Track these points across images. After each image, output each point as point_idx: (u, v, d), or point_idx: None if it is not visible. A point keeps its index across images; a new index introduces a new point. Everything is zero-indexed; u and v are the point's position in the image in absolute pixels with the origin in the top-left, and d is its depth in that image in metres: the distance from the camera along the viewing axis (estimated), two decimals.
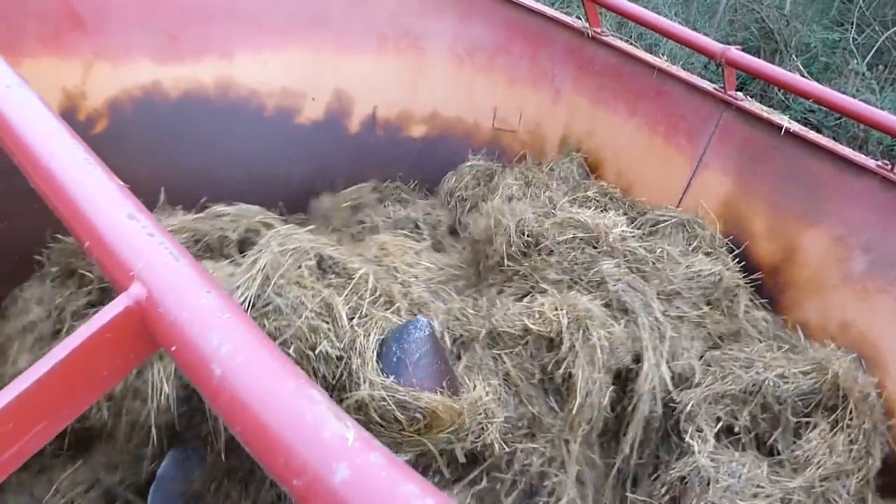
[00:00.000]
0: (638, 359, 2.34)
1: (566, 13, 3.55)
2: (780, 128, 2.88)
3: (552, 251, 2.56)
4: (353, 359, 1.88)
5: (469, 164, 3.50)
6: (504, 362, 2.18)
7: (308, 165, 3.26)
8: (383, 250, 2.65)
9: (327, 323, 1.95)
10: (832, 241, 2.80)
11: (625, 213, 3.01)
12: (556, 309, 2.22)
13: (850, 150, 2.82)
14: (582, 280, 2.49)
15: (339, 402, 1.87)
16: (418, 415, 1.76)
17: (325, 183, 3.33)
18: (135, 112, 2.81)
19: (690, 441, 2.26)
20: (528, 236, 2.61)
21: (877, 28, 10.74)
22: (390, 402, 1.76)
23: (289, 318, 1.92)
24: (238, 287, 1.95)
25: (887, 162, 2.70)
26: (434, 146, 3.50)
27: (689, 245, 2.92)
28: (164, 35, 2.80)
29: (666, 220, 3.00)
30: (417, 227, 3.16)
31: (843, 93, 3.01)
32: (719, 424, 2.32)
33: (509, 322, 2.24)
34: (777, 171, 2.93)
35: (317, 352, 1.89)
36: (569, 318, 2.17)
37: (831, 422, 2.30)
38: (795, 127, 2.88)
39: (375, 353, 1.88)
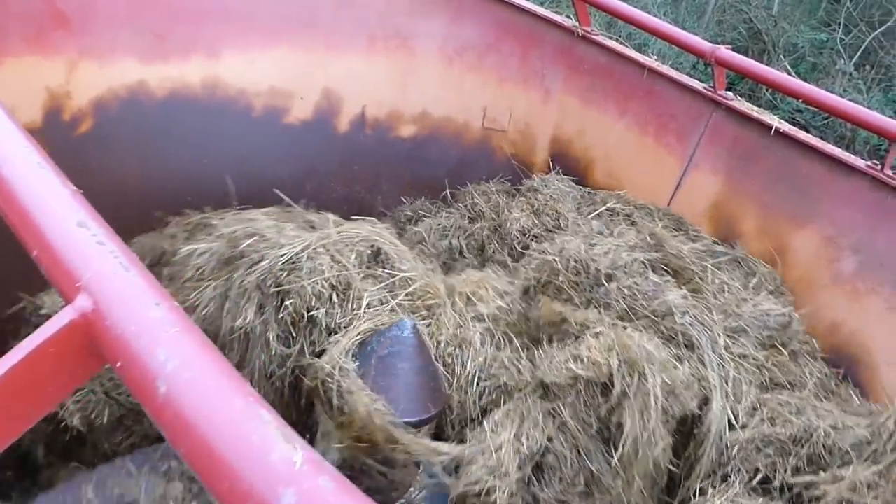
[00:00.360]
0: (705, 401, 2.11)
1: (556, 12, 3.54)
2: (770, 128, 2.88)
3: (610, 278, 2.34)
4: (340, 337, 1.87)
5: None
6: (559, 414, 1.97)
7: (297, 165, 3.24)
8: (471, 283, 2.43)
9: (339, 297, 1.95)
10: (822, 242, 2.80)
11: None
12: (608, 349, 1.96)
13: (840, 149, 2.82)
14: (643, 310, 2.27)
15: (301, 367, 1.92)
16: (344, 408, 1.73)
17: (315, 183, 3.31)
18: (121, 112, 2.78)
19: (711, 487, 2.03)
20: (579, 268, 2.37)
21: (864, 28, 10.80)
22: (334, 384, 1.75)
23: (301, 278, 1.94)
24: (283, 247, 2.00)
25: (877, 162, 2.70)
26: (424, 146, 3.48)
27: (748, 281, 2.76)
28: (151, 34, 2.77)
29: (718, 256, 2.83)
30: (463, 254, 3.09)
31: (831, 93, 3.01)
32: (758, 476, 2.06)
33: (555, 371, 2.01)
34: (767, 171, 2.93)
35: (308, 315, 1.90)
36: (620, 359, 1.92)
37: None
38: (785, 127, 2.88)
39: (359, 340, 1.87)
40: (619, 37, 3.45)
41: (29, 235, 0.93)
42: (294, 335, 1.95)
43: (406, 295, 2.07)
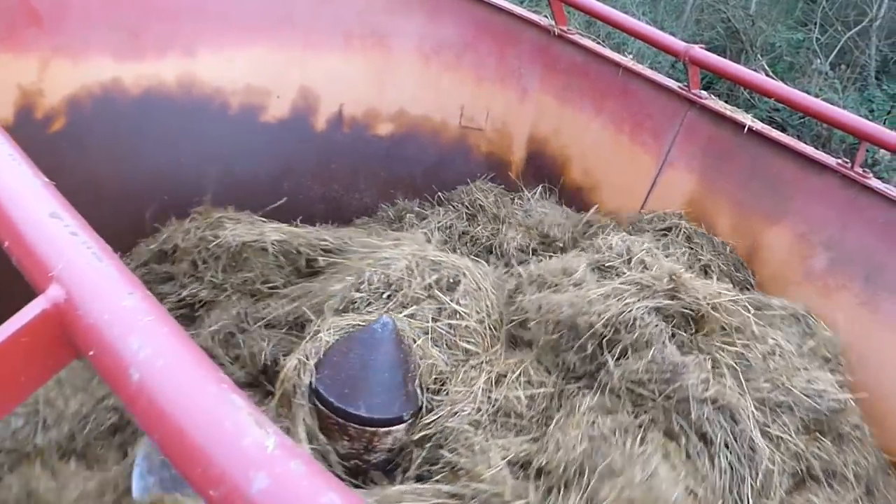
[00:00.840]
0: None
1: (536, 11, 3.56)
2: (743, 126, 2.91)
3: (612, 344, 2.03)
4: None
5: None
6: None
7: (274, 164, 3.23)
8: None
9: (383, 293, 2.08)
10: (795, 239, 2.84)
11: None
12: None
13: (812, 148, 2.86)
14: (651, 394, 1.95)
15: None
16: None
17: (292, 182, 3.30)
18: (95, 110, 2.75)
19: None
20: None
21: (839, 28, 10.93)
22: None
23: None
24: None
25: (847, 160, 2.74)
26: (401, 144, 3.48)
27: (803, 342, 2.39)
28: (126, 32, 2.75)
29: (774, 310, 2.49)
30: None
31: (807, 92, 3.05)
32: None
33: None
34: (741, 169, 2.96)
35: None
36: None
37: None
38: (758, 125, 2.91)
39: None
40: (599, 36, 3.47)
41: (1, 226, 0.93)
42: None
43: (450, 326, 2.07)
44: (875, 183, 2.66)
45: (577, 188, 3.40)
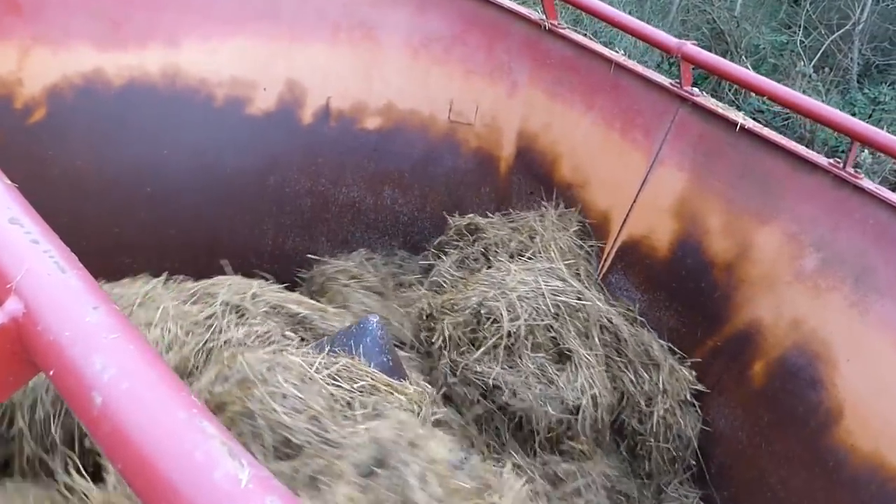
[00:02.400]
0: None
1: (524, 5, 3.53)
2: (735, 124, 2.89)
3: None
4: None
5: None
6: None
7: (260, 157, 3.18)
8: None
9: None
10: (785, 239, 2.82)
11: None
12: None
13: (803, 147, 2.85)
14: None
15: None
16: None
17: (278, 176, 3.25)
18: (76, 100, 2.70)
19: None
20: None
21: (823, 31, 11.00)
22: None
23: None
24: None
25: (839, 160, 2.73)
26: (389, 139, 3.44)
27: None
28: (107, 20, 2.69)
29: None
30: None
31: None
32: None
33: None
34: (732, 167, 2.94)
35: None
36: None
37: None
38: (750, 123, 2.89)
39: None
40: (586, 34, 3.44)
41: None
42: None
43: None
44: (866, 183, 2.65)
45: (567, 185, 3.37)
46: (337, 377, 1.66)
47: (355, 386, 1.66)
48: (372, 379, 1.69)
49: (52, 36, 2.60)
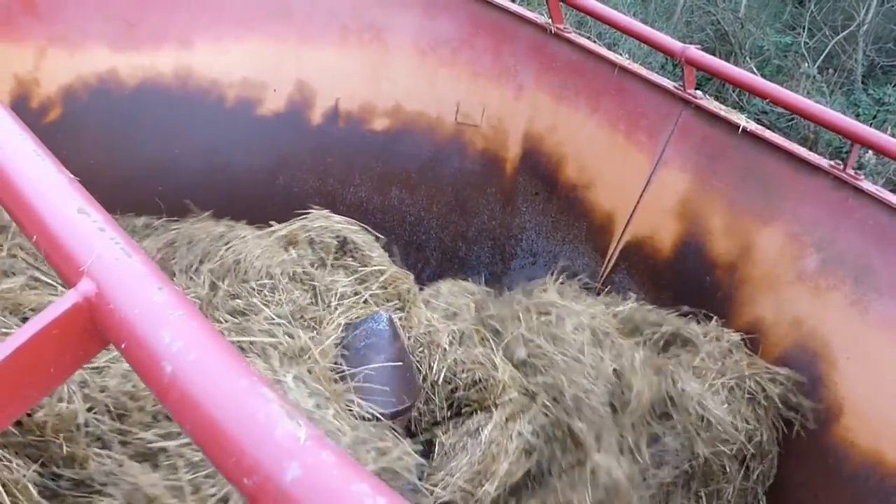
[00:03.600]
0: None
1: (529, 9, 3.57)
2: (737, 127, 2.93)
3: None
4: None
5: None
6: None
7: (269, 157, 3.23)
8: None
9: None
10: (787, 239, 2.86)
11: None
12: None
13: (805, 149, 2.89)
14: None
15: None
16: None
17: (287, 176, 3.30)
18: (90, 100, 2.75)
19: None
20: None
21: (827, 33, 11.01)
22: None
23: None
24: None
25: (839, 162, 2.77)
26: (397, 140, 3.49)
27: None
28: (122, 22, 2.74)
29: None
30: None
31: None
32: None
33: None
34: (734, 169, 2.99)
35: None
36: None
37: None
38: (752, 126, 2.94)
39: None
40: (589, 36, 3.48)
41: (28, 221, 0.94)
42: None
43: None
44: (867, 185, 2.69)
45: (572, 186, 3.41)
46: None
47: None
48: None
49: (68, 37, 2.64)
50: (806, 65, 10.51)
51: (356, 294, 2.07)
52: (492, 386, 2.15)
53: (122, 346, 0.80)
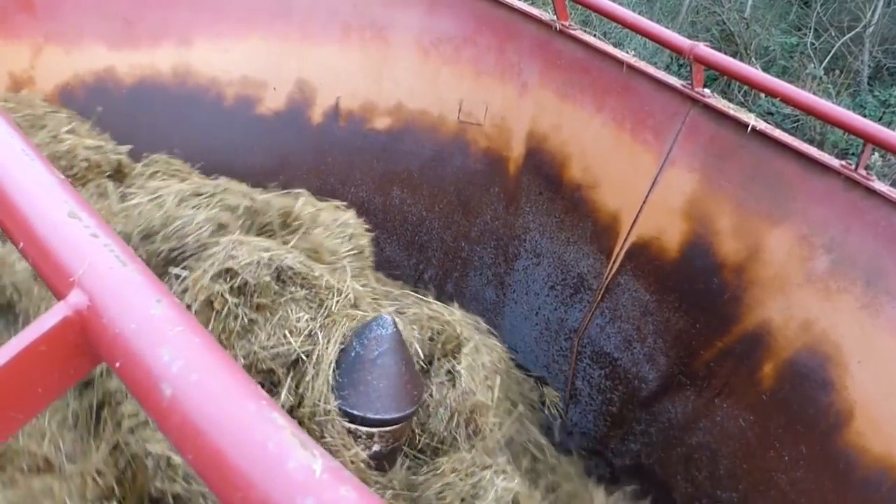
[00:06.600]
0: None
1: (535, 6, 3.52)
2: (746, 126, 2.88)
3: None
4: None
5: None
6: None
7: (269, 156, 3.19)
8: None
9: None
10: (796, 240, 2.81)
11: None
12: None
13: (815, 149, 2.83)
14: None
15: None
16: None
17: (288, 175, 3.25)
18: (88, 99, 2.71)
19: None
20: None
21: (833, 34, 10.95)
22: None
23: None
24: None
25: (850, 162, 2.72)
26: (398, 139, 3.44)
27: None
28: (120, 20, 2.71)
29: None
30: None
31: None
32: None
33: None
34: (743, 168, 2.93)
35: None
36: None
37: None
38: (761, 125, 2.88)
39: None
40: (594, 35, 3.43)
41: (14, 226, 0.86)
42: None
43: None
44: (878, 185, 2.63)
45: (577, 185, 3.36)
46: None
47: None
48: None
49: (65, 34, 2.61)
50: (812, 66, 10.45)
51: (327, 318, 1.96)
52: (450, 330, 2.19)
53: (117, 364, 0.73)
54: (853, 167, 2.68)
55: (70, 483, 1.58)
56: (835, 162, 2.73)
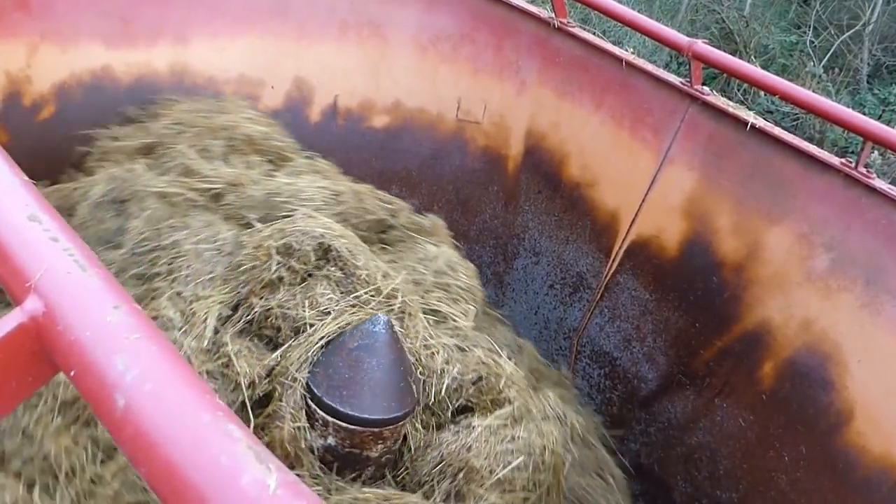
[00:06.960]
0: None
1: (533, 3, 3.51)
2: (745, 123, 2.87)
3: None
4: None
5: None
6: None
7: None
8: None
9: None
10: (796, 239, 2.80)
11: None
12: None
13: (815, 147, 2.82)
14: None
15: None
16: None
17: None
18: (85, 98, 2.70)
19: None
20: None
21: (833, 32, 10.95)
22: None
23: None
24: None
25: (850, 160, 2.70)
26: (397, 137, 3.43)
27: None
28: (117, 18, 2.70)
29: None
30: None
31: None
32: None
33: None
34: (742, 166, 2.92)
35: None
36: None
37: None
38: (761, 123, 2.87)
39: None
40: (594, 33, 3.42)
41: None
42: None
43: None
44: (879, 184, 2.62)
45: (576, 184, 3.35)
46: None
47: None
48: None
49: (61, 33, 2.60)
50: (811, 64, 10.45)
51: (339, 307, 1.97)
52: (494, 383, 2.09)
53: (72, 373, 0.70)
54: (853, 165, 2.66)
55: None
56: (834, 160, 2.72)
